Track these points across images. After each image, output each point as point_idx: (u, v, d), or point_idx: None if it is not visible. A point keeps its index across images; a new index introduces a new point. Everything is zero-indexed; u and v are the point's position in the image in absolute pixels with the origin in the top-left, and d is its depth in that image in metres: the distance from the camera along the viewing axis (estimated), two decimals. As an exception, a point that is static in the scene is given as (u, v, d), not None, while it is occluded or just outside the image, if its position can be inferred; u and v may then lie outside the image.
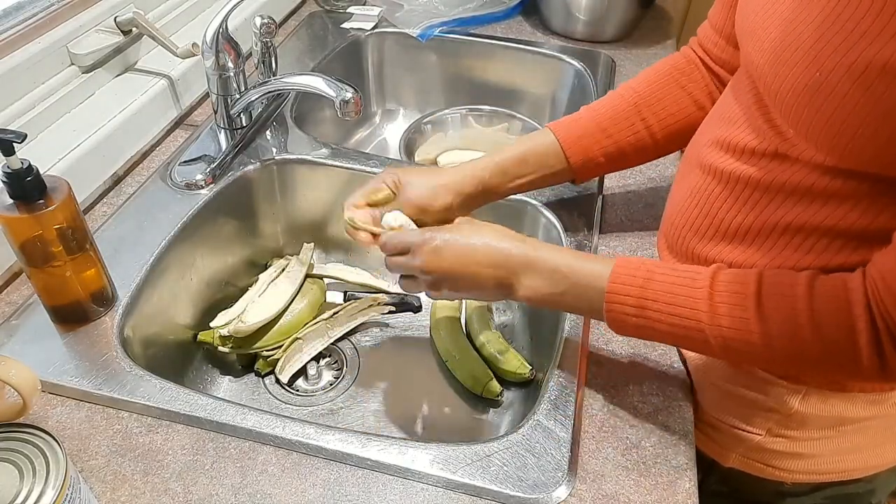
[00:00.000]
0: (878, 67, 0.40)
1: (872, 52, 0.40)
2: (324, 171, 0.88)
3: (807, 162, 0.49)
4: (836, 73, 0.42)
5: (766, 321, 0.48)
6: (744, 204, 0.54)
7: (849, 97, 0.42)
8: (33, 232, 0.58)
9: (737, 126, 0.55)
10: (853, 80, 0.42)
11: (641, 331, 0.54)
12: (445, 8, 1.20)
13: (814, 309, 0.46)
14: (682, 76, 0.69)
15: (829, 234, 0.49)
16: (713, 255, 0.58)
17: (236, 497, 0.53)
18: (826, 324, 0.46)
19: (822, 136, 0.46)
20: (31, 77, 0.77)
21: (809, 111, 0.45)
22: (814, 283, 0.47)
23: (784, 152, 0.50)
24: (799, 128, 0.47)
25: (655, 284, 0.52)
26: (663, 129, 0.69)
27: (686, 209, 0.60)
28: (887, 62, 0.40)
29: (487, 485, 0.54)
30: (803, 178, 0.49)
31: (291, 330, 0.83)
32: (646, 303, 0.52)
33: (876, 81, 0.41)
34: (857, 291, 0.45)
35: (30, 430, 0.46)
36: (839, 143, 0.45)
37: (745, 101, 0.54)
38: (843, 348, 0.46)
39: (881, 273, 0.44)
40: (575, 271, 0.55)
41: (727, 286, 0.50)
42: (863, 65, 0.41)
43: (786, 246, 0.52)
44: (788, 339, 0.47)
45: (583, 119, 0.71)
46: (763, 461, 0.66)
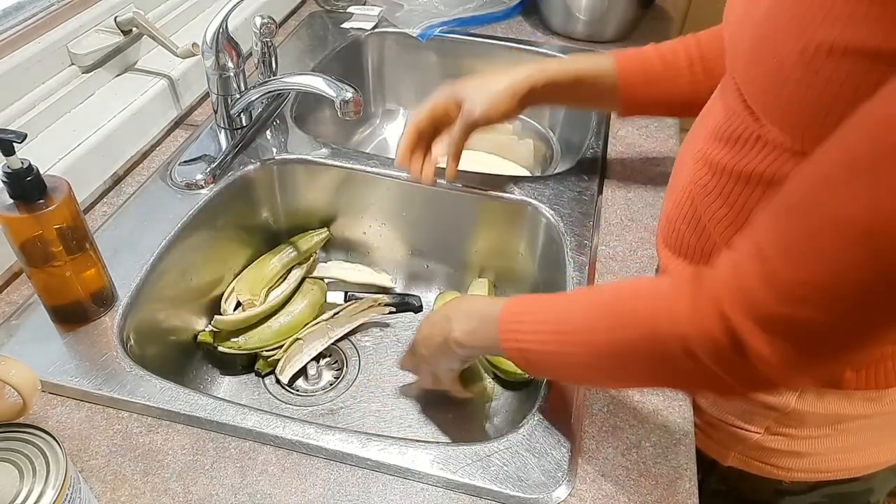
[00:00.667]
0: (826, 49, 0.40)
1: (820, 34, 0.41)
2: (324, 171, 0.88)
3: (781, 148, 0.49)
4: (790, 57, 0.43)
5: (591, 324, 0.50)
6: (728, 195, 0.54)
7: (801, 81, 0.43)
8: (33, 232, 0.58)
9: (721, 116, 0.55)
10: (805, 63, 0.42)
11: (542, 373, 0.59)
12: (445, 8, 1.20)
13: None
14: None
15: None
16: (708, 249, 0.58)
17: (236, 497, 0.53)
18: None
19: (783, 120, 0.46)
20: (31, 77, 0.77)
21: (770, 97, 0.46)
22: None
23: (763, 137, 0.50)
24: (765, 114, 0.48)
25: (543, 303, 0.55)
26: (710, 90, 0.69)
27: (680, 202, 0.61)
28: (833, 43, 0.40)
29: (487, 485, 0.54)
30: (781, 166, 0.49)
31: (292, 330, 0.83)
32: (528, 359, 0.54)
33: (824, 63, 0.41)
34: None
35: (30, 430, 0.46)
36: (799, 128, 0.45)
37: (728, 92, 0.55)
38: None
39: (725, 278, 0.43)
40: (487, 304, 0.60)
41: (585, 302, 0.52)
42: (812, 48, 0.41)
43: None
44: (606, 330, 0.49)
45: (647, 59, 0.72)
46: (762, 460, 0.66)
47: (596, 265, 0.74)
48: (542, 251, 0.84)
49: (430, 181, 0.76)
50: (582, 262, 0.74)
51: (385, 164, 0.87)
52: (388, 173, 0.86)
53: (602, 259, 0.75)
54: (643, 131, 0.95)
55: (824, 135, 0.43)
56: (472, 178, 0.84)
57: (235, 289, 0.85)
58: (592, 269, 0.73)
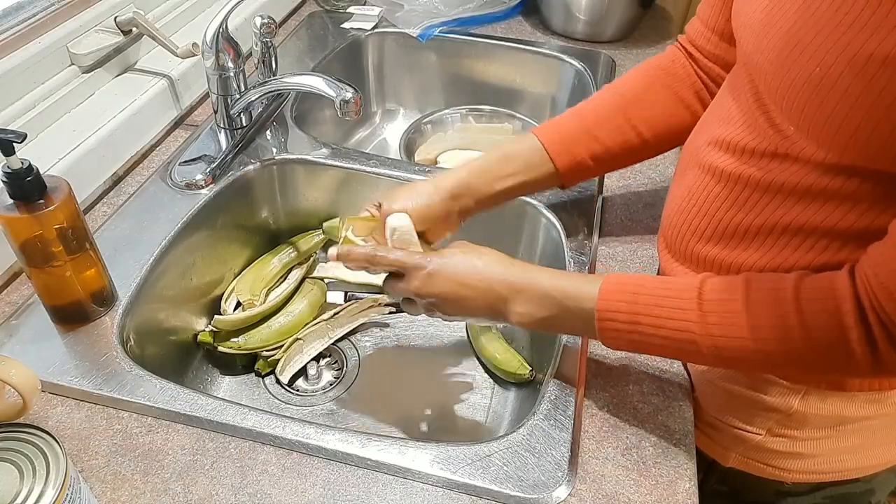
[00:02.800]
0: (879, 60, 0.40)
1: (873, 44, 0.40)
2: (324, 171, 0.88)
3: (807, 161, 0.48)
4: (837, 67, 0.42)
5: (756, 326, 0.48)
6: (743, 204, 0.54)
7: (850, 91, 0.42)
8: (33, 232, 0.58)
9: (735, 125, 0.55)
10: (854, 73, 0.42)
11: (636, 345, 0.55)
12: (445, 8, 1.20)
13: (802, 311, 0.46)
14: (667, 76, 0.69)
15: (828, 235, 0.49)
16: (712, 255, 0.58)
17: (236, 497, 0.53)
18: (815, 325, 0.46)
19: (823, 131, 0.46)
20: (31, 77, 0.77)
21: (811, 107, 0.45)
22: (800, 285, 0.47)
23: (784, 151, 0.50)
24: (801, 124, 0.47)
25: (644, 298, 0.52)
26: (651, 129, 0.68)
27: (684, 209, 0.60)
28: (888, 55, 0.40)
29: (487, 485, 0.54)
30: (803, 177, 0.49)
31: (292, 330, 0.83)
32: (637, 317, 0.52)
33: (877, 74, 0.40)
34: (844, 289, 0.45)
35: (30, 430, 0.46)
36: (841, 139, 0.45)
37: (744, 100, 0.54)
38: (834, 347, 0.46)
39: (874, 268, 0.44)
40: (565, 294, 0.55)
41: (715, 294, 0.50)
42: (864, 58, 0.41)
43: (785, 246, 0.52)
44: (780, 342, 0.47)
45: (566, 121, 0.70)
46: (763, 461, 0.66)
47: (596, 265, 0.74)
48: (542, 251, 0.84)
49: None
50: (582, 262, 0.74)
51: (385, 164, 0.87)
52: (388, 173, 0.86)
53: (602, 259, 0.75)
54: (643, 131, 0.95)
55: (869, 147, 0.43)
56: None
57: (235, 289, 0.85)
58: (592, 269, 0.73)
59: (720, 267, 0.57)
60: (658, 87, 0.69)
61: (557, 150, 0.68)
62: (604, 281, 0.54)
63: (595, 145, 0.69)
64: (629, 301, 0.53)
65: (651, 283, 0.53)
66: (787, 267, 0.52)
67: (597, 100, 0.71)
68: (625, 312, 0.53)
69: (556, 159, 0.68)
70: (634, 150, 0.70)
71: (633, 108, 0.69)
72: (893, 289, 0.42)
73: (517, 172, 0.68)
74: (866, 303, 0.44)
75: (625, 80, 0.71)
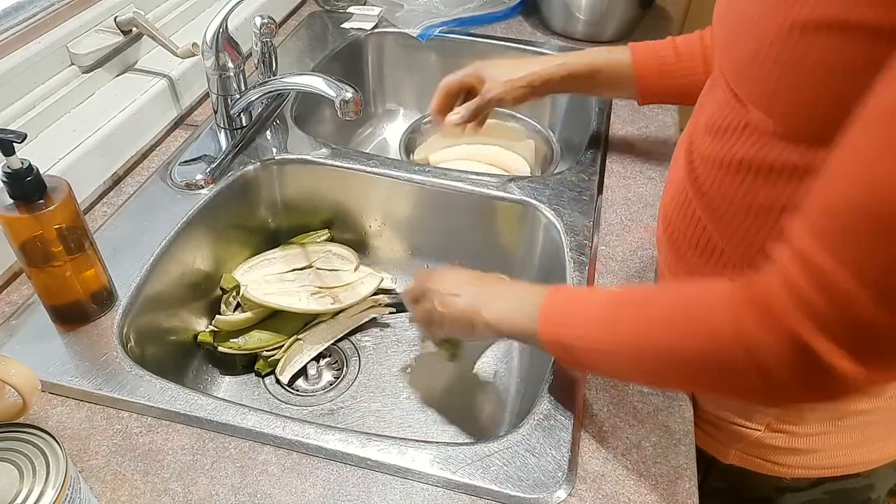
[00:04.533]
0: (799, 27, 0.41)
1: (794, 12, 0.41)
2: (324, 171, 0.88)
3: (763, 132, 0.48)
4: (768, 37, 0.43)
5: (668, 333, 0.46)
6: (719, 187, 0.54)
7: (779, 60, 0.43)
8: (33, 232, 0.58)
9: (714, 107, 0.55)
10: (782, 42, 0.42)
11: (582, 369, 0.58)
12: (445, 8, 1.20)
13: None
14: None
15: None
16: (703, 242, 0.58)
17: (236, 497, 0.53)
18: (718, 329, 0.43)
19: (764, 102, 0.46)
20: (31, 77, 0.77)
21: (750, 79, 0.47)
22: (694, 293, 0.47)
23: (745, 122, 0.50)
24: (747, 97, 0.49)
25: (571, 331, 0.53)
26: None
27: (676, 196, 0.61)
28: (806, 20, 0.40)
29: (487, 485, 0.54)
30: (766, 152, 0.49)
31: (292, 330, 0.83)
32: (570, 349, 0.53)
33: (798, 41, 0.41)
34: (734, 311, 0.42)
35: (30, 430, 0.46)
36: (779, 109, 0.45)
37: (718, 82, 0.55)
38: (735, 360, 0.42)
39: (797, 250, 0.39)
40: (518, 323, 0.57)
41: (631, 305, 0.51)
42: (786, 27, 0.42)
43: (760, 228, 0.51)
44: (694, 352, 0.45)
45: (662, 52, 0.77)
46: (762, 457, 0.66)
47: (596, 265, 0.74)
48: (542, 251, 0.84)
49: (447, 127, 0.85)
50: (582, 262, 0.74)
51: (385, 164, 0.87)
52: (388, 173, 0.86)
53: (602, 259, 0.75)
54: (643, 132, 0.95)
55: (801, 115, 0.44)
56: (472, 178, 0.84)
57: (236, 288, 0.84)
58: (592, 269, 0.73)
59: (710, 253, 0.57)
60: None
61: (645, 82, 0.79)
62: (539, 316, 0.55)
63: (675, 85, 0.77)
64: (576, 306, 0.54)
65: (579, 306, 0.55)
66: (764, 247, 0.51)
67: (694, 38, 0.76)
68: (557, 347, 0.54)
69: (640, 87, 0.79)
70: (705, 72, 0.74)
71: None
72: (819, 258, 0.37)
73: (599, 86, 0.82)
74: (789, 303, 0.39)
75: None
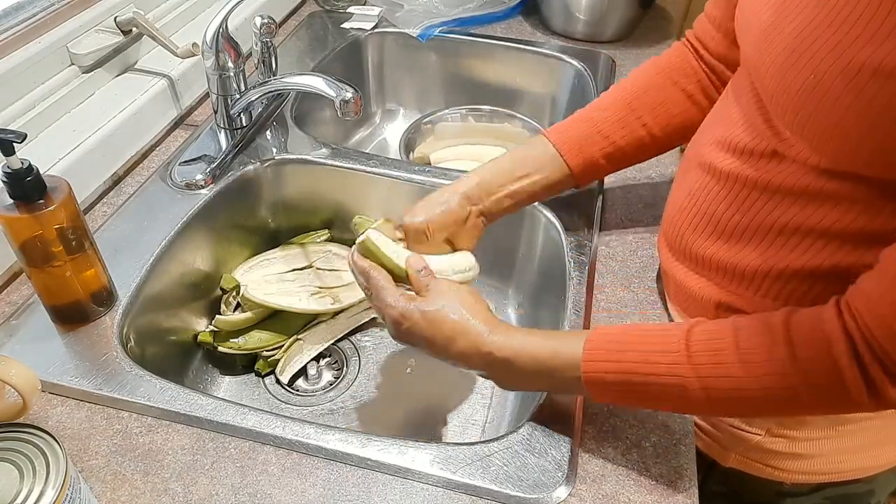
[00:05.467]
0: (871, 69, 0.40)
1: (865, 54, 0.40)
2: (324, 171, 0.88)
3: (803, 163, 0.49)
4: (830, 74, 0.42)
5: (749, 372, 0.46)
6: (741, 204, 0.54)
7: (841, 99, 0.42)
8: (33, 232, 0.58)
9: (736, 126, 0.55)
10: (846, 82, 0.42)
11: (627, 402, 0.55)
12: (445, 8, 1.20)
13: (794, 350, 0.45)
14: (674, 72, 0.69)
15: (825, 236, 0.49)
16: (710, 253, 0.58)
17: (236, 497, 0.53)
18: (809, 365, 0.45)
19: (815, 138, 0.46)
20: (31, 77, 0.77)
21: (804, 114, 0.45)
22: (790, 327, 0.46)
23: (782, 153, 0.50)
24: (795, 129, 0.47)
25: (630, 355, 0.51)
26: (661, 127, 0.69)
27: (685, 209, 0.60)
28: (880, 64, 0.40)
29: (487, 485, 0.54)
30: (799, 179, 0.49)
31: (292, 330, 0.83)
32: (625, 376, 0.51)
33: (868, 83, 0.41)
34: (833, 328, 0.44)
35: (30, 430, 0.46)
36: (832, 146, 0.45)
37: (745, 101, 0.54)
38: (830, 386, 0.44)
39: (867, 303, 0.43)
40: (549, 369, 0.54)
41: (703, 338, 0.49)
42: (856, 67, 0.41)
43: (782, 246, 0.52)
44: (774, 382, 0.46)
45: (577, 123, 0.70)
46: (762, 461, 0.66)
47: (596, 265, 0.74)
48: (542, 251, 0.84)
49: None
50: (582, 262, 0.74)
51: (385, 164, 0.87)
52: (388, 173, 0.86)
53: (602, 259, 0.75)
54: (643, 131, 0.95)
55: (859, 154, 0.43)
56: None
57: (236, 288, 0.84)
58: (592, 269, 0.73)
59: (718, 266, 0.57)
60: (666, 83, 0.69)
61: (570, 151, 0.69)
62: (586, 343, 0.52)
63: (607, 145, 0.69)
64: (615, 360, 0.51)
65: (636, 335, 0.52)
66: (782, 266, 0.52)
67: (606, 100, 0.71)
68: (613, 373, 0.51)
69: (570, 160, 0.69)
70: (645, 147, 0.70)
71: (643, 107, 0.69)
72: (885, 313, 0.41)
73: (531, 173, 0.68)
74: (859, 340, 0.43)
75: (632, 79, 0.71)
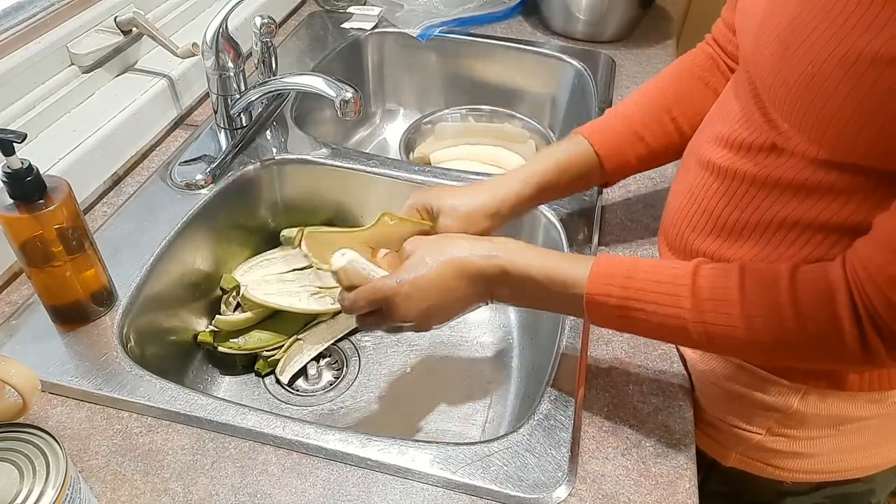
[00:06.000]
0: (868, 58, 0.40)
1: (862, 42, 0.40)
2: (324, 171, 0.88)
3: (801, 156, 0.49)
4: (828, 64, 0.43)
5: (750, 313, 0.48)
6: (740, 200, 0.54)
7: (839, 89, 0.42)
8: (33, 232, 0.58)
9: (734, 122, 0.55)
10: (844, 71, 0.42)
11: (624, 327, 0.55)
12: (445, 8, 1.20)
13: (797, 299, 0.46)
14: (703, 72, 0.70)
15: (823, 230, 0.50)
16: (710, 250, 0.58)
17: (236, 497, 0.53)
18: (809, 314, 0.46)
19: (814, 128, 0.46)
20: (31, 77, 0.77)
21: (802, 104, 0.46)
22: (795, 274, 0.47)
23: (780, 146, 0.50)
24: (793, 121, 0.48)
25: (636, 283, 0.52)
26: (692, 126, 0.68)
27: (685, 205, 0.61)
28: (877, 53, 0.40)
29: (487, 485, 0.54)
30: (797, 172, 0.49)
31: (292, 330, 0.83)
32: (628, 302, 0.52)
33: (866, 72, 0.41)
34: (837, 279, 0.45)
35: (30, 430, 0.46)
36: (830, 135, 0.45)
37: (744, 97, 0.54)
38: (826, 336, 0.46)
39: (862, 262, 0.44)
40: (552, 279, 0.54)
41: (709, 280, 0.50)
42: (853, 56, 0.41)
43: (781, 241, 0.52)
44: (772, 330, 0.47)
45: (615, 125, 0.70)
46: (763, 460, 0.66)
47: (596, 265, 0.74)
48: (543, 251, 0.84)
49: None
50: (582, 262, 0.74)
51: (385, 164, 0.87)
52: (388, 173, 0.86)
53: (602, 259, 0.75)
54: (643, 131, 0.95)
55: (858, 144, 0.43)
56: (472, 178, 0.84)
57: (236, 288, 0.84)
58: (592, 269, 0.73)
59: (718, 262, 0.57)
60: (697, 83, 0.69)
61: (608, 154, 0.68)
62: (593, 264, 0.53)
63: (641, 146, 0.69)
64: (620, 286, 0.52)
65: (644, 266, 0.53)
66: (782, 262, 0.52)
67: (641, 99, 0.71)
68: (616, 297, 0.52)
69: (606, 163, 0.68)
70: (676, 148, 0.70)
71: (676, 107, 0.69)
72: (881, 283, 0.43)
73: (572, 181, 0.69)
74: (856, 294, 0.44)
75: (664, 78, 0.72)
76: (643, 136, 0.69)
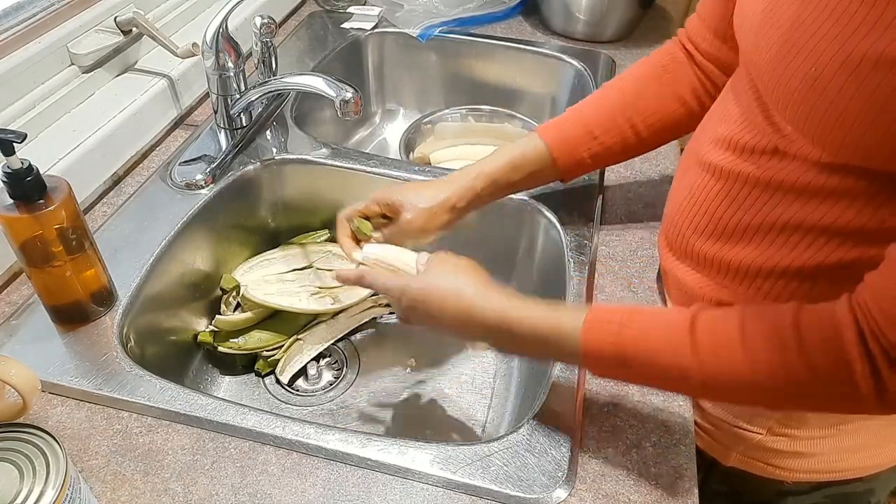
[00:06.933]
0: (872, 60, 0.40)
1: (866, 45, 0.40)
2: (324, 171, 0.88)
3: (804, 159, 0.49)
4: (832, 67, 0.42)
5: (754, 359, 0.46)
6: (742, 202, 0.54)
7: (843, 91, 0.42)
8: (33, 232, 0.58)
9: (736, 124, 0.55)
10: (848, 73, 0.41)
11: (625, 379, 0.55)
12: (445, 8, 1.20)
13: (802, 341, 0.44)
14: (665, 74, 0.70)
15: (826, 232, 0.49)
16: (712, 252, 0.58)
17: (236, 497, 0.53)
18: (818, 358, 0.44)
19: (818, 131, 0.46)
20: (31, 77, 0.77)
21: (806, 107, 0.45)
22: (799, 315, 0.45)
23: (782, 149, 0.50)
24: (797, 124, 0.47)
25: (631, 332, 0.50)
26: (648, 127, 0.70)
27: (685, 207, 0.60)
28: (881, 55, 0.39)
29: (487, 485, 0.54)
30: (800, 175, 0.49)
31: (292, 330, 0.83)
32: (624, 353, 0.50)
33: (870, 75, 0.40)
34: (844, 317, 0.43)
35: (30, 430, 0.46)
36: (835, 138, 0.45)
37: (745, 99, 0.54)
38: (839, 380, 0.43)
39: (874, 296, 0.42)
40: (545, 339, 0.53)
41: (709, 326, 0.48)
42: (857, 58, 0.41)
43: (783, 244, 0.52)
44: (779, 375, 0.45)
45: (570, 122, 0.72)
46: (763, 460, 0.66)
47: (596, 265, 0.74)
48: (542, 251, 0.84)
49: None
50: (582, 262, 0.74)
51: (385, 164, 0.87)
52: (388, 173, 0.86)
53: (602, 259, 0.75)
54: (643, 131, 0.95)
55: (862, 146, 0.43)
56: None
57: (237, 288, 0.84)
58: (592, 269, 0.73)
59: (719, 265, 0.57)
60: (656, 84, 0.70)
61: (561, 152, 0.71)
62: (587, 316, 0.52)
63: (595, 145, 0.70)
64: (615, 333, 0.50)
65: (639, 316, 0.51)
66: (784, 265, 0.52)
67: (599, 99, 0.72)
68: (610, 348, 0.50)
69: (559, 160, 0.71)
70: (631, 148, 0.72)
71: (632, 108, 0.70)
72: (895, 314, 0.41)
73: (523, 178, 0.72)
74: (867, 331, 0.42)
75: (624, 79, 0.72)
76: (597, 135, 0.70)
